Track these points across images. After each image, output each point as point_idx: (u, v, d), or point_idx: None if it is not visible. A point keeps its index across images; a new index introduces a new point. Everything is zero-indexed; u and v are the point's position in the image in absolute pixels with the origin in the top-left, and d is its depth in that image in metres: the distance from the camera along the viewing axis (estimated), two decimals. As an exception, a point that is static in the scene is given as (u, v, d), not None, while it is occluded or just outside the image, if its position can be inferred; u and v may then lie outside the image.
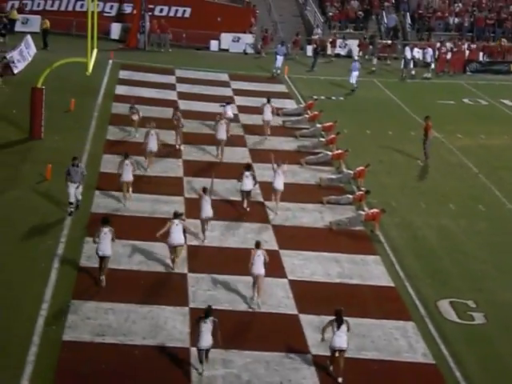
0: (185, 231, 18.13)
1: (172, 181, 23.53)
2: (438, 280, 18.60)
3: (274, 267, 18.46)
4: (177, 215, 18.13)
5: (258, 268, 16.66)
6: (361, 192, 22.42)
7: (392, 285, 18.20)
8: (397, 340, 15.86)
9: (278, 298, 17.09)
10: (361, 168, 23.72)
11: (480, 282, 18.64)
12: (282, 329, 16.03)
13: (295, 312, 16.63)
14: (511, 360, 15.56)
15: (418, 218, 22.16)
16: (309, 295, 17.36)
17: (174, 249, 17.87)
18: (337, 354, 14.39)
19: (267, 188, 22.32)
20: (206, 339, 14.21)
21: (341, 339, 14.29)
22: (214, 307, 16.33)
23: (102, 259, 16.98)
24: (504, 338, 16.31)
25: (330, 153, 25.64)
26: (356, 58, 39.45)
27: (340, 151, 25.36)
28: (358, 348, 15.44)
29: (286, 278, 18.06)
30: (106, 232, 17.04)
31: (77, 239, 19.04)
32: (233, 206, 22.01)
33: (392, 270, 18.91)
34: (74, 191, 20.27)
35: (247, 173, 21.34)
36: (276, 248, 19.60)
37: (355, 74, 36.39)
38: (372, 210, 20.96)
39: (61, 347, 14.66)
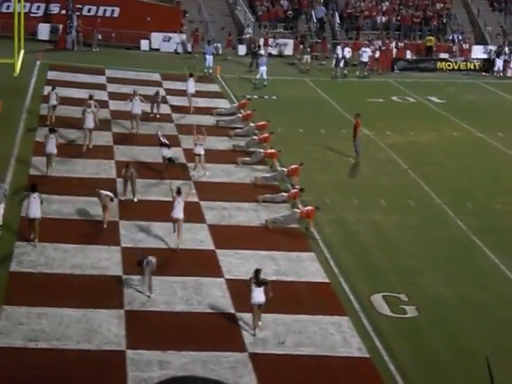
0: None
1: (104, 182, 23.23)
2: (372, 275, 18.90)
3: (211, 267, 18.49)
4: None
5: (178, 213, 19.05)
6: (295, 190, 22.60)
7: (327, 281, 18.41)
8: (332, 335, 16.05)
9: (214, 298, 17.09)
10: (294, 166, 23.90)
11: (412, 276, 19.02)
12: (220, 328, 16.04)
13: (232, 311, 16.65)
14: (442, 352, 15.90)
15: (351, 215, 22.48)
16: (245, 294, 17.34)
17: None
18: (256, 308, 15.88)
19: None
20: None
21: (259, 295, 15.78)
22: (149, 309, 16.32)
23: (33, 221, 18.55)
24: (435, 331, 16.67)
25: (262, 150, 25.79)
26: (263, 52, 39.76)
27: (273, 150, 25.54)
28: (295, 344, 15.57)
29: (223, 277, 18.07)
30: (36, 197, 18.64)
31: (7, 244, 18.63)
32: (168, 206, 21.92)
33: (327, 266, 19.13)
34: None
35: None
36: (212, 248, 19.59)
37: (263, 68, 37.11)
38: (306, 208, 21.16)
39: (-7, 354, 14.34)
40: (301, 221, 21.19)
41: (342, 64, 40.89)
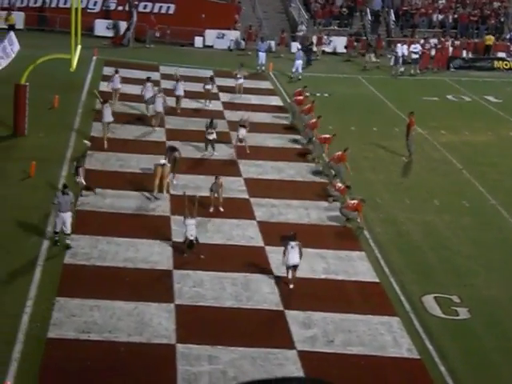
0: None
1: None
2: (423, 275, 18.69)
3: (260, 263, 18.52)
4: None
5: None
6: (342, 186, 22.42)
7: (377, 280, 18.26)
8: (382, 335, 15.93)
9: (263, 294, 17.11)
10: (339, 153, 23.70)
11: (464, 278, 18.75)
12: (268, 325, 16.06)
13: (281, 308, 16.65)
14: (494, 354, 15.67)
15: (403, 214, 22.25)
16: (294, 291, 17.39)
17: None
18: (290, 270, 17.28)
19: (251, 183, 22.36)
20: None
21: (293, 256, 17.18)
22: (199, 304, 16.43)
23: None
24: (487, 333, 16.42)
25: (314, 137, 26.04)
26: (299, 47, 39.69)
27: (327, 135, 25.49)
28: (344, 343, 15.50)
29: (272, 274, 18.08)
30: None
31: (61, 236, 18.93)
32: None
33: (377, 265, 18.98)
34: (63, 221, 18.22)
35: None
36: (262, 244, 19.61)
37: (298, 62, 37.31)
38: (352, 201, 21.00)
39: (45, 345, 14.60)
40: (350, 219, 21.01)
41: (400, 62, 40.50)
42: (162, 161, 22.04)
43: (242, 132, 25.62)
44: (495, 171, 26.50)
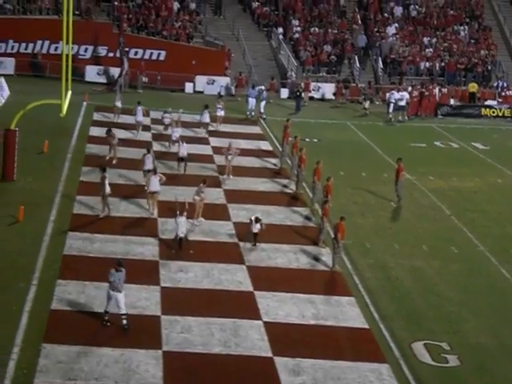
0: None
1: (144, 221, 23.44)
2: (413, 322, 18.60)
3: (249, 309, 18.40)
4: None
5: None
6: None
7: (367, 326, 18.16)
8: (371, 383, 15.77)
9: (252, 340, 16.97)
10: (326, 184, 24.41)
11: (454, 324, 18.67)
12: (257, 372, 15.89)
13: (270, 355, 16.50)
14: (486, 402, 15.54)
15: (392, 259, 22.25)
16: (283, 337, 17.26)
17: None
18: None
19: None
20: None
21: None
22: (186, 350, 16.25)
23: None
24: (477, 381, 16.29)
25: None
26: (263, 88, 40.44)
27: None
28: (333, 391, 15.34)
29: (261, 319, 17.96)
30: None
31: (49, 282, 18.82)
32: (207, 246, 21.97)
33: (366, 311, 18.90)
34: (116, 302, 16.90)
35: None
36: (251, 289, 19.52)
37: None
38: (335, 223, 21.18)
39: (31, 392, 14.39)
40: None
41: (391, 109, 40.94)
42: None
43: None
44: (483, 218, 26.61)
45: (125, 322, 16.84)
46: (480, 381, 16.28)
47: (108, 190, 23.37)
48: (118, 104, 35.26)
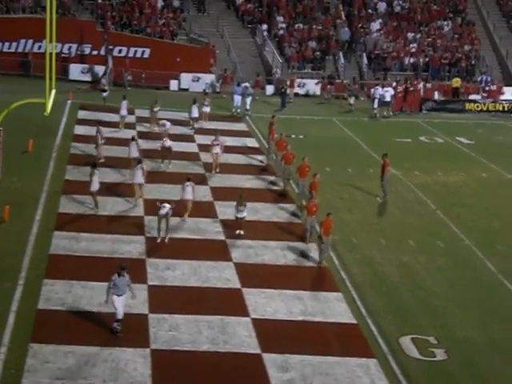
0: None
1: (130, 220, 23.38)
2: (400, 316, 18.68)
3: (237, 306, 18.41)
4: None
5: (188, 195, 23.10)
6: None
7: (354, 322, 18.21)
8: (360, 378, 15.83)
9: (240, 337, 16.97)
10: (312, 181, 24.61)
11: (441, 319, 18.76)
12: (245, 368, 15.90)
13: (258, 351, 16.51)
14: (473, 395, 15.63)
15: (379, 255, 22.32)
16: (272, 334, 17.28)
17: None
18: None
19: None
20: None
21: (242, 213, 22.35)
22: (175, 348, 16.23)
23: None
24: (465, 374, 16.38)
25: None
26: (248, 84, 40.34)
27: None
28: (322, 386, 15.38)
29: (249, 316, 17.97)
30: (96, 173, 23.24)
31: (35, 281, 18.74)
32: (194, 244, 21.95)
33: (354, 306, 18.95)
34: (116, 303, 16.67)
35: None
36: (238, 286, 19.52)
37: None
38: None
39: (19, 392, 14.33)
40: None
41: (376, 104, 41.00)
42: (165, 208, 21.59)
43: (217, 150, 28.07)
44: (469, 212, 26.74)
45: (116, 325, 16.55)
46: (467, 374, 16.38)
47: (96, 187, 23.35)
48: (104, 94, 36.83)
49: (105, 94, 36.87)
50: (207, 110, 35.74)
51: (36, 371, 15.02)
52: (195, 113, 34.58)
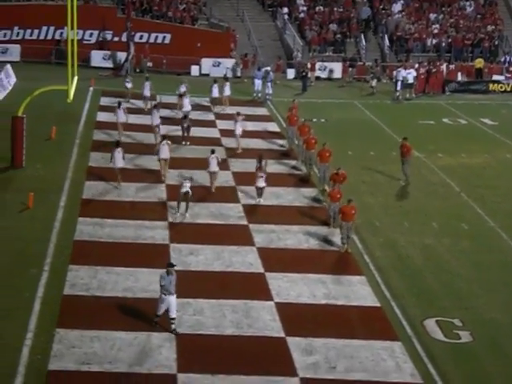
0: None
1: (154, 206, 23.49)
2: (424, 299, 18.62)
3: (260, 290, 18.46)
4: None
5: (213, 167, 24.05)
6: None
7: (378, 305, 18.19)
8: (384, 360, 15.82)
9: (264, 321, 17.03)
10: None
11: (465, 301, 18.68)
12: (270, 352, 15.95)
13: (282, 335, 16.56)
14: (498, 377, 15.56)
15: (402, 238, 22.23)
16: (295, 317, 17.32)
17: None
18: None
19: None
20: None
21: (261, 182, 23.61)
22: (199, 332, 16.32)
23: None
24: (490, 356, 16.32)
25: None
26: (269, 68, 40.18)
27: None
28: (347, 369, 15.39)
29: (273, 300, 18.01)
30: (119, 151, 23.94)
31: (60, 267, 18.91)
32: (217, 229, 22.01)
33: (378, 290, 18.92)
34: (168, 305, 16.26)
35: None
36: (262, 271, 19.56)
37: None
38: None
39: (47, 377, 14.49)
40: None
41: (399, 87, 40.71)
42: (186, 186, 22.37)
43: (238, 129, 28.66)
44: (493, 193, 26.52)
45: (173, 326, 16.20)
46: (492, 356, 16.31)
47: (120, 163, 24.23)
48: (129, 85, 35.67)
49: (129, 86, 36.02)
50: (228, 93, 35.79)
51: (62, 356, 15.18)
52: (215, 93, 35.24)
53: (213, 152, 24.55)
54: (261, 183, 23.96)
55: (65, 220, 21.85)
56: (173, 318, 16.29)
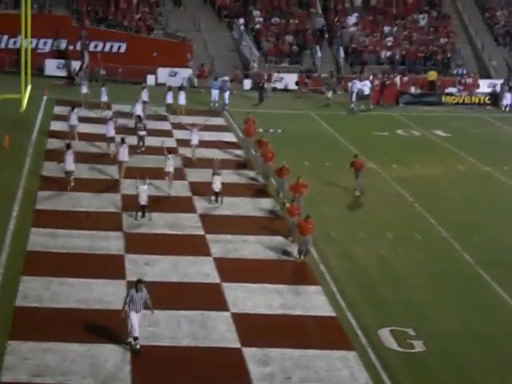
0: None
1: (109, 216, 23.27)
2: (379, 309, 18.77)
3: (216, 300, 18.40)
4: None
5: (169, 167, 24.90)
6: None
7: (334, 315, 18.28)
8: (339, 370, 15.89)
9: (220, 332, 16.97)
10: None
11: (419, 310, 18.88)
12: (226, 363, 15.90)
13: (238, 346, 16.52)
14: (451, 387, 15.75)
15: (358, 248, 22.40)
16: (251, 328, 17.30)
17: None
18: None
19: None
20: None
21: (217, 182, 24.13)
22: (155, 344, 16.19)
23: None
24: (443, 366, 16.50)
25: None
26: (226, 78, 40.58)
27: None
28: (302, 380, 15.42)
29: (229, 311, 17.97)
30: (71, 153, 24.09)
31: (13, 278, 18.59)
32: (173, 239, 21.90)
33: (333, 300, 19.01)
34: (131, 319, 15.88)
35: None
36: (218, 281, 19.51)
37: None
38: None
39: (-3, 390, 14.25)
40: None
41: (354, 98, 41.09)
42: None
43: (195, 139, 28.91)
44: (446, 204, 26.92)
45: (134, 343, 15.76)
46: (445, 366, 16.50)
47: (71, 167, 24.63)
48: (84, 90, 35.78)
49: (84, 91, 36.11)
50: (183, 102, 36.01)
51: (15, 368, 14.92)
52: (170, 99, 35.93)
53: (170, 152, 25.63)
54: (217, 185, 24.54)
55: (17, 230, 21.51)
56: (135, 338, 15.83)
